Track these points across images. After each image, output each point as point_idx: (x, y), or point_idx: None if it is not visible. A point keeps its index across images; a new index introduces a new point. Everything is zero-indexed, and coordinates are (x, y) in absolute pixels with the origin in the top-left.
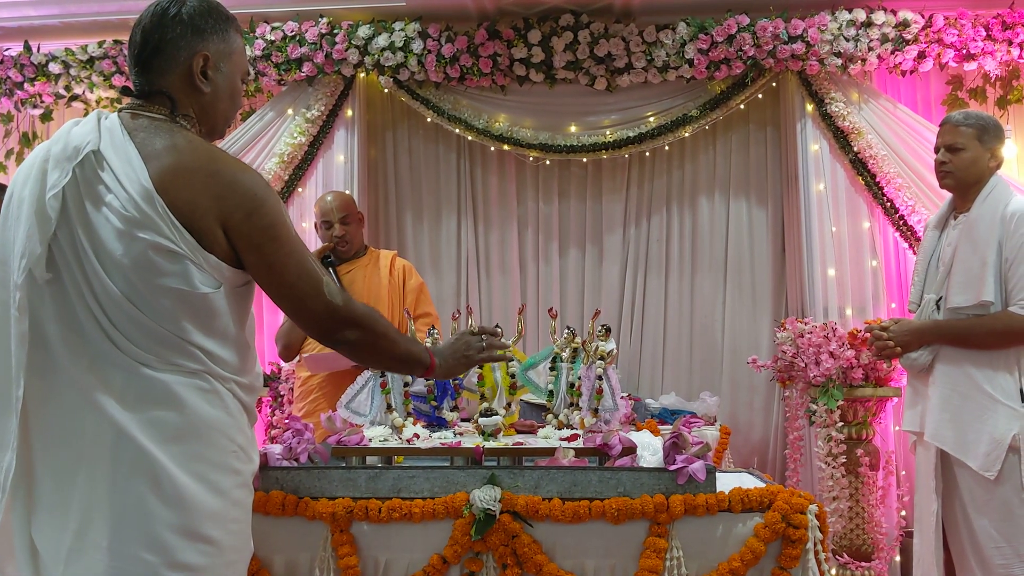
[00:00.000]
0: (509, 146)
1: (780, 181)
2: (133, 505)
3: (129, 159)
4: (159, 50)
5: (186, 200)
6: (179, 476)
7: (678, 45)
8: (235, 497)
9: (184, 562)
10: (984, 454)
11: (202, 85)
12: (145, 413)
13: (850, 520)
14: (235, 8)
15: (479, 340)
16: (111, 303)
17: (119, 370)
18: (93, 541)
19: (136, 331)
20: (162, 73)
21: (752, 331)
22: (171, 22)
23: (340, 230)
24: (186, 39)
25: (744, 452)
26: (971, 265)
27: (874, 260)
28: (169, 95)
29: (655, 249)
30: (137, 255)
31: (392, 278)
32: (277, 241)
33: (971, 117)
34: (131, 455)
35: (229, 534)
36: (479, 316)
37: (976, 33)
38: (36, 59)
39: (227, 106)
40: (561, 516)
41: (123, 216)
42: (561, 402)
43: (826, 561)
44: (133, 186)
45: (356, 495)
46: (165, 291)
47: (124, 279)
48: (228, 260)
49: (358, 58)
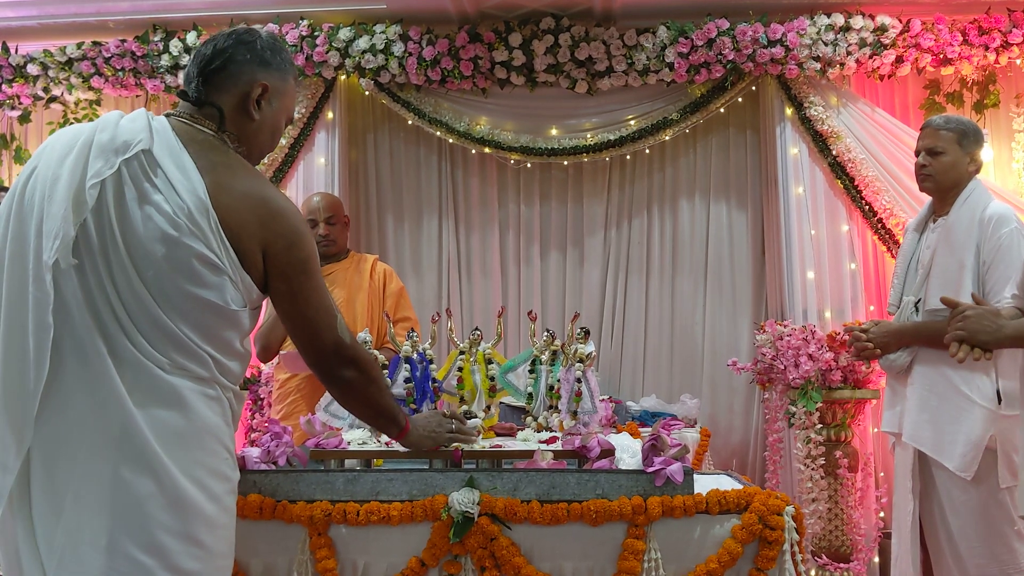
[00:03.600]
0: (490, 149)
1: (760, 184)
2: (135, 505)
3: (184, 168)
4: (224, 67)
5: (236, 220)
6: (180, 480)
7: (658, 49)
8: (226, 504)
9: (179, 566)
10: (961, 455)
11: (254, 112)
12: (152, 411)
13: (829, 521)
14: (216, 10)
15: (450, 423)
16: (134, 300)
17: (129, 366)
18: (89, 538)
19: (153, 331)
20: (220, 89)
21: (732, 334)
22: (243, 47)
23: (324, 229)
24: (251, 65)
25: (724, 454)
26: (949, 267)
27: (853, 263)
28: (220, 110)
29: (636, 252)
30: (179, 261)
31: (372, 281)
32: (307, 275)
33: (952, 121)
34: (136, 452)
35: (220, 540)
36: (460, 318)
37: (953, 38)
38: (14, 60)
39: (267, 139)
40: (539, 518)
41: (173, 221)
42: (540, 405)
43: (803, 562)
44: (189, 195)
45: (334, 498)
46: (196, 300)
47: (156, 280)
48: (258, 283)
49: (339, 60)
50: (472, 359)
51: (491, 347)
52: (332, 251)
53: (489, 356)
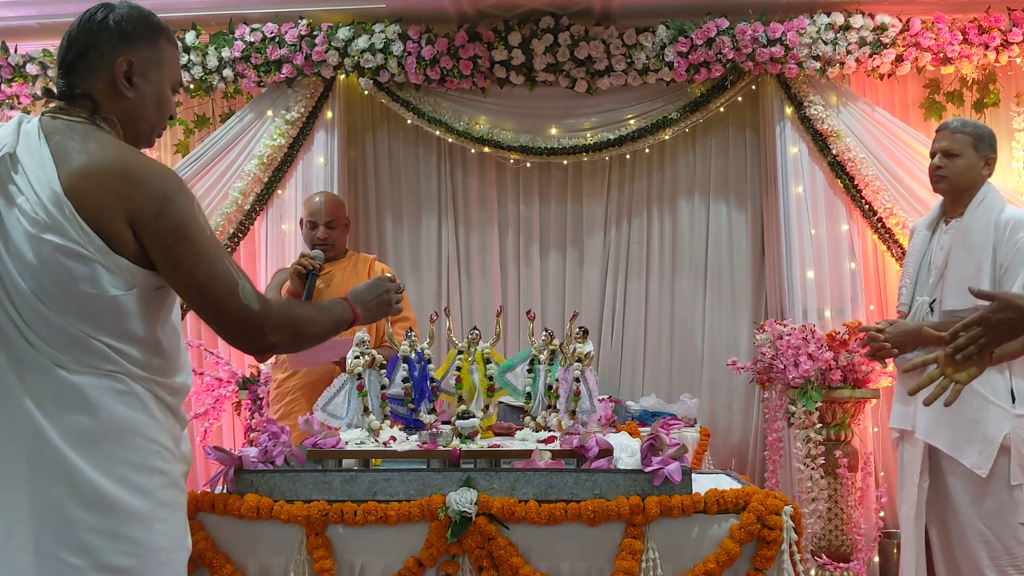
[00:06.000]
0: (489, 148)
1: (759, 184)
2: (52, 509)
3: (42, 162)
4: (83, 54)
5: (94, 202)
6: (97, 479)
7: (658, 48)
8: (161, 498)
9: (111, 564)
10: (978, 452)
11: (125, 90)
12: (60, 417)
13: (828, 521)
14: (215, 9)
15: (396, 286)
16: (24, 303)
17: (35, 371)
18: (19, 544)
19: (48, 331)
20: (85, 77)
21: (732, 333)
22: (97, 27)
23: (324, 233)
24: (111, 44)
25: (724, 454)
26: (966, 269)
27: (852, 262)
28: (91, 98)
29: (635, 251)
30: (46, 257)
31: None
32: (186, 241)
33: (968, 125)
34: (48, 459)
35: (157, 534)
36: (459, 318)
37: (953, 37)
38: (13, 60)
39: (153, 114)
40: (537, 518)
41: (32, 219)
42: (539, 404)
43: (801, 562)
44: (43, 189)
45: (331, 498)
46: (75, 293)
47: (34, 280)
48: (140, 262)
49: (338, 60)
50: (470, 359)
51: (489, 347)
52: (331, 254)
53: (487, 356)
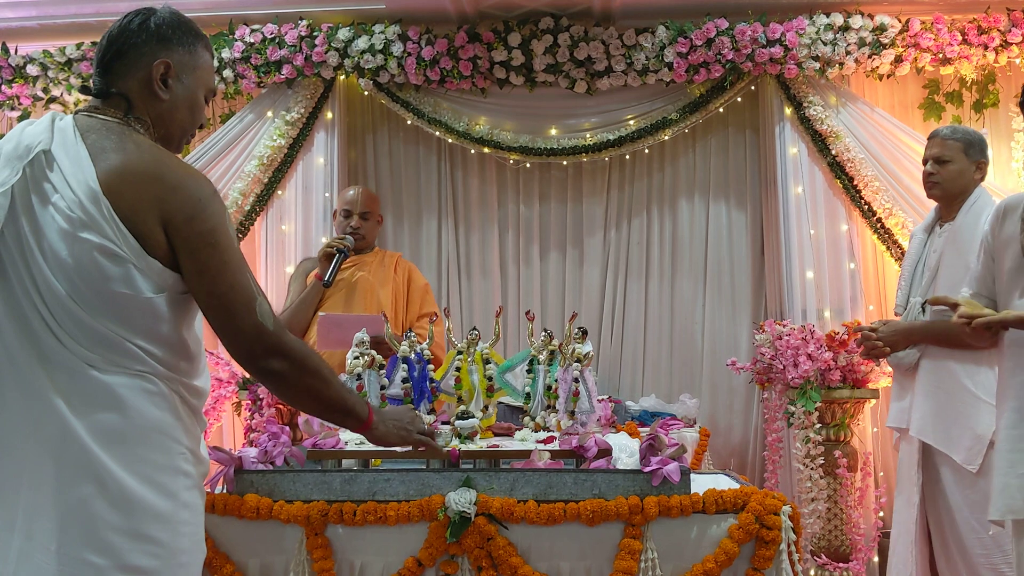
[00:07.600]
0: (489, 149)
1: (759, 184)
2: (78, 508)
3: (78, 160)
4: (121, 54)
5: (129, 203)
6: (125, 478)
7: (657, 48)
8: (184, 499)
9: (133, 564)
10: (967, 448)
11: (160, 92)
12: (90, 415)
13: (828, 521)
14: (215, 10)
15: (422, 424)
16: (56, 302)
17: (65, 370)
18: (41, 544)
19: (80, 331)
20: (122, 76)
21: (731, 333)
22: (138, 28)
23: (357, 222)
24: (150, 46)
25: (723, 454)
26: (956, 270)
27: (852, 263)
28: (126, 97)
29: (635, 252)
30: (81, 256)
31: (396, 276)
32: (215, 248)
33: (958, 132)
34: (75, 457)
35: (179, 536)
36: (459, 318)
37: (952, 38)
38: (14, 61)
39: (185, 118)
40: (536, 518)
41: (68, 216)
42: (538, 404)
43: (800, 562)
44: (80, 187)
45: (331, 498)
46: (108, 293)
47: (68, 279)
48: (170, 266)
49: (338, 60)
50: (470, 359)
51: (489, 347)
52: (360, 245)
53: (487, 356)
